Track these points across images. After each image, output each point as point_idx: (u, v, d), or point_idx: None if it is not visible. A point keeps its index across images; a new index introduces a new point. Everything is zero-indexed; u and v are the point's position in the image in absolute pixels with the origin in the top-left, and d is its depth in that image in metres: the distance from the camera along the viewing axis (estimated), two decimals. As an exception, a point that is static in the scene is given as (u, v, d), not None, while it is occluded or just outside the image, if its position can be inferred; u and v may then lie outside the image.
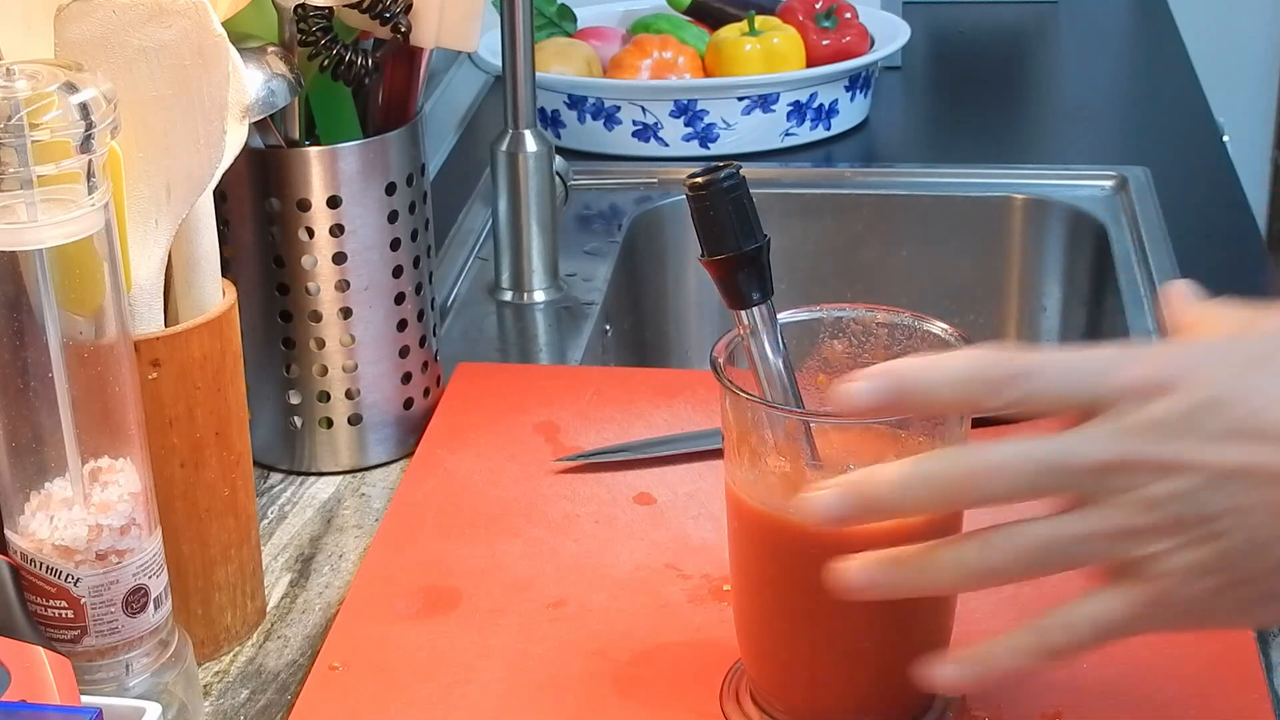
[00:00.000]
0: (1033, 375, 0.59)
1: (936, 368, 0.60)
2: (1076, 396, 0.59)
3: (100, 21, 0.71)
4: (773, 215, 1.43)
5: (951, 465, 0.60)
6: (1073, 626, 0.61)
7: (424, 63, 0.96)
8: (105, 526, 0.69)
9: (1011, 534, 0.61)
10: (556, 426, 1.00)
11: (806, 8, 1.56)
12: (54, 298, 0.66)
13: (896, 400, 0.61)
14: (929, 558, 0.62)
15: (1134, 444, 0.58)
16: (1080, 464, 0.58)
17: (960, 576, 0.62)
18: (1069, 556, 0.60)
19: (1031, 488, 0.59)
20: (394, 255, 0.96)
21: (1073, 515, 0.60)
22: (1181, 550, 0.58)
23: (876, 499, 0.61)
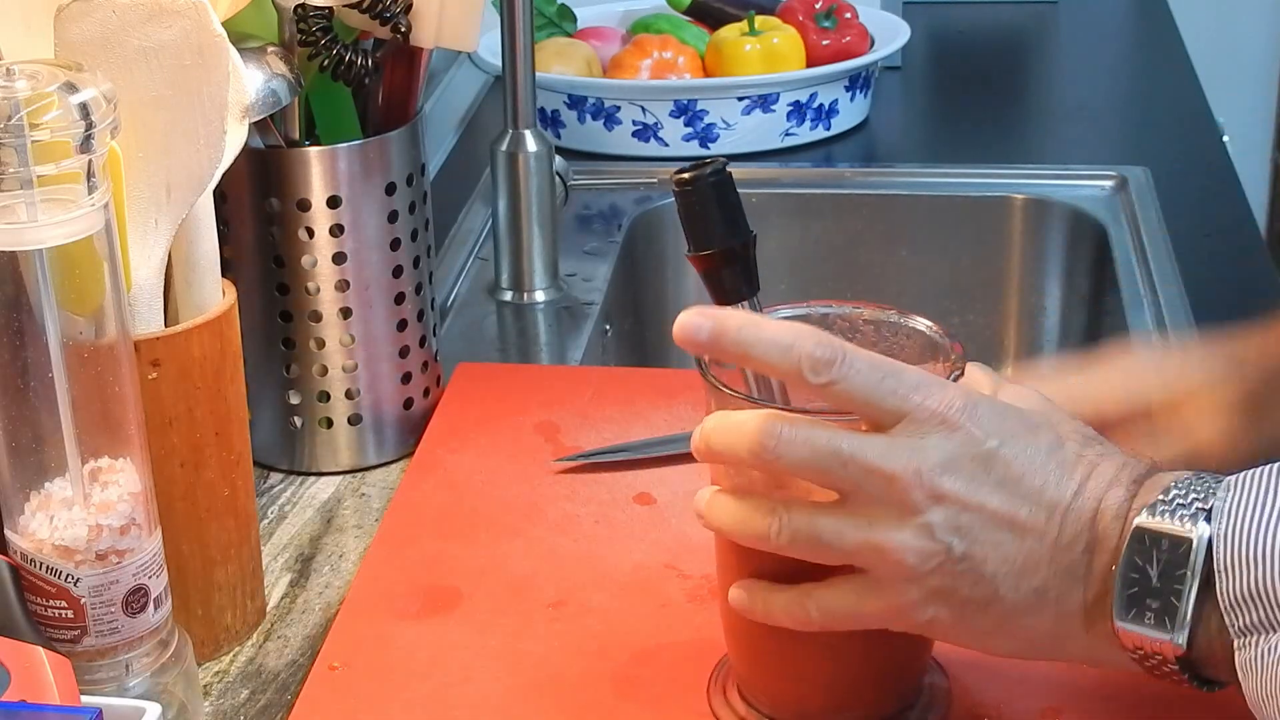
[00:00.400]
0: (849, 365, 0.63)
1: (762, 328, 0.65)
2: (880, 401, 0.63)
3: (100, 21, 0.71)
4: (773, 215, 1.43)
5: (771, 416, 0.64)
6: (822, 607, 0.66)
7: (424, 63, 0.96)
8: (105, 526, 0.69)
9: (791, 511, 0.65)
10: (556, 426, 1.00)
11: (806, 8, 1.56)
12: (54, 298, 0.66)
13: (713, 342, 0.65)
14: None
15: (929, 469, 0.63)
16: (877, 466, 0.63)
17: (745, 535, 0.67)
18: (837, 547, 0.65)
19: (820, 469, 0.64)
20: (394, 255, 0.96)
21: (847, 513, 0.64)
22: (933, 574, 0.64)
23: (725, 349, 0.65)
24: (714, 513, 0.68)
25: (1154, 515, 0.62)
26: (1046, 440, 0.65)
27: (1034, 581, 0.64)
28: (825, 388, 0.63)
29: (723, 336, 0.65)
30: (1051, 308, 1.41)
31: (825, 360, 0.63)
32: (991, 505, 0.64)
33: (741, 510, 0.67)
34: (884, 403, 0.64)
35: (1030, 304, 1.42)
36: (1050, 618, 0.65)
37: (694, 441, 0.68)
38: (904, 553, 0.64)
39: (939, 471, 0.63)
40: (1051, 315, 1.41)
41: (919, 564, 0.64)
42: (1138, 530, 0.62)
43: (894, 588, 0.65)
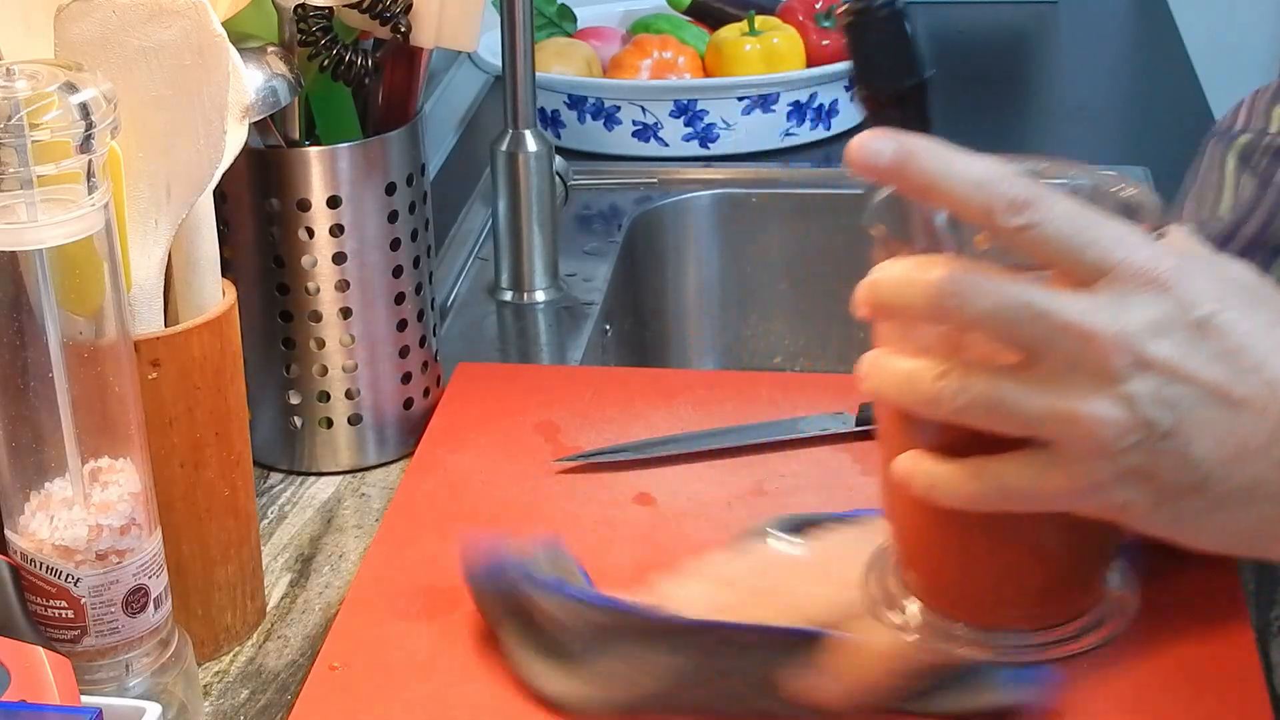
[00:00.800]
0: (1049, 208, 0.56)
1: (956, 159, 0.57)
2: (1081, 251, 0.56)
3: (100, 21, 0.71)
4: (773, 215, 1.43)
5: (952, 262, 0.57)
6: (997, 483, 0.59)
7: (424, 63, 0.96)
8: (105, 526, 0.69)
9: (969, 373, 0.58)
10: (556, 426, 1.00)
11: (806, 8, 1.56)
12: (54, 298, 0.66)
13: (896, 167, 0.57)
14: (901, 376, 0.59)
15: (1134, 331, 0.56)
16: (1075, 323, 0.56)
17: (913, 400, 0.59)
18: (1021, 414, 0.57)
19: (1009, 322, 0.56)
20: (394, 255, 0.96)
21: (1036, 376, 0.57)
22: (1130, 451, 0.57)
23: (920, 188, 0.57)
24: (878, 374, 0.59)
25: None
26: (1269, 313, 0.58)
27: (1249, 469, 0.57)
28: (1020, 232, 0.56)
29: (910, 162, 0.57)
30: (1051, 308, 1.41)
31: (1023, 200, 0.56)
32: (1205, 377, 0.56)
33: (911, 371, 0.58)
34: (1085, 254, 0.56)
35: (1030, 304, 1.42)
36: (1263, 512, 0.58)
37: (859, 293, 0.59)
38: (1099, 424, 0.56)
39: (1146, 335, 0.55)
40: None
41: (1115, 438, 0.56)
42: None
43: (1083, 464, 0.57)
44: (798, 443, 0.97)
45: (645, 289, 1.39)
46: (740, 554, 0.78)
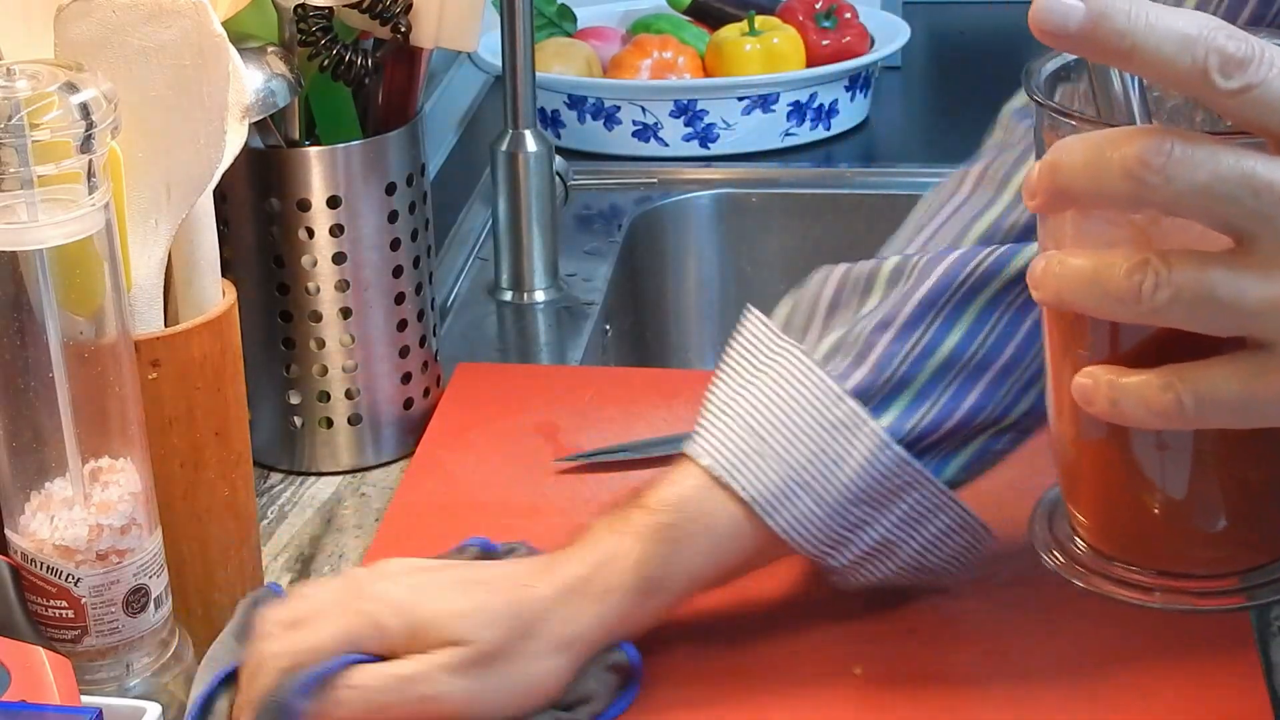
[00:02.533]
0: (1270, 66, 0.48)
1: (1158, 13, 0.48)
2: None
3: (100, 21, 0.71)
4: (773, 215, 1.43)
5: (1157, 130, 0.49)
6: (1198, 393, 0.50)
7: (424, 63, 0.96)
8: (106, 526, 0.69)
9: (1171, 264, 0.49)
10: (556, 426, 1.00)
11: (806, 8, 1.56)
12: (54, 298, 0.66)
13: (1090, 27, 0.48)
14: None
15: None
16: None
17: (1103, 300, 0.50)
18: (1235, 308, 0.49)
19: (1223, 198, 0.48)
20: (394, 255, 0.96)
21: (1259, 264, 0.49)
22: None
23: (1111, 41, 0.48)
24: (1055, 275, 0.51)
25: None
26: None
27: None
28: (1236, 95, 0.48)
29: (1105, 20, 0.47)
30: (1051, 308, 1.41)
31: (1240, 58, 0.47)
32: None
33: (1098, 264, 0.50)
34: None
35: (1030, 304, 1.42)
36: None
37: (1032, 179, 0.51)
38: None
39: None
40: (1051, 315, 1.41)
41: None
42: None
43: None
44: (798, 443, 0.97)
45: (645, 289, 1.39)
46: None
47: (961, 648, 0.78)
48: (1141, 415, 0.51)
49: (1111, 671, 0.76)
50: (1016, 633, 0.79)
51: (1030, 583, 0.82)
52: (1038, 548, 0.60)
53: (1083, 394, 0.52)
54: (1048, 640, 0.78)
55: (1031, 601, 0.81)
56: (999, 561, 0.80)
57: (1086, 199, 0.50)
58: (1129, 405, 0.51)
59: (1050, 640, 0.78)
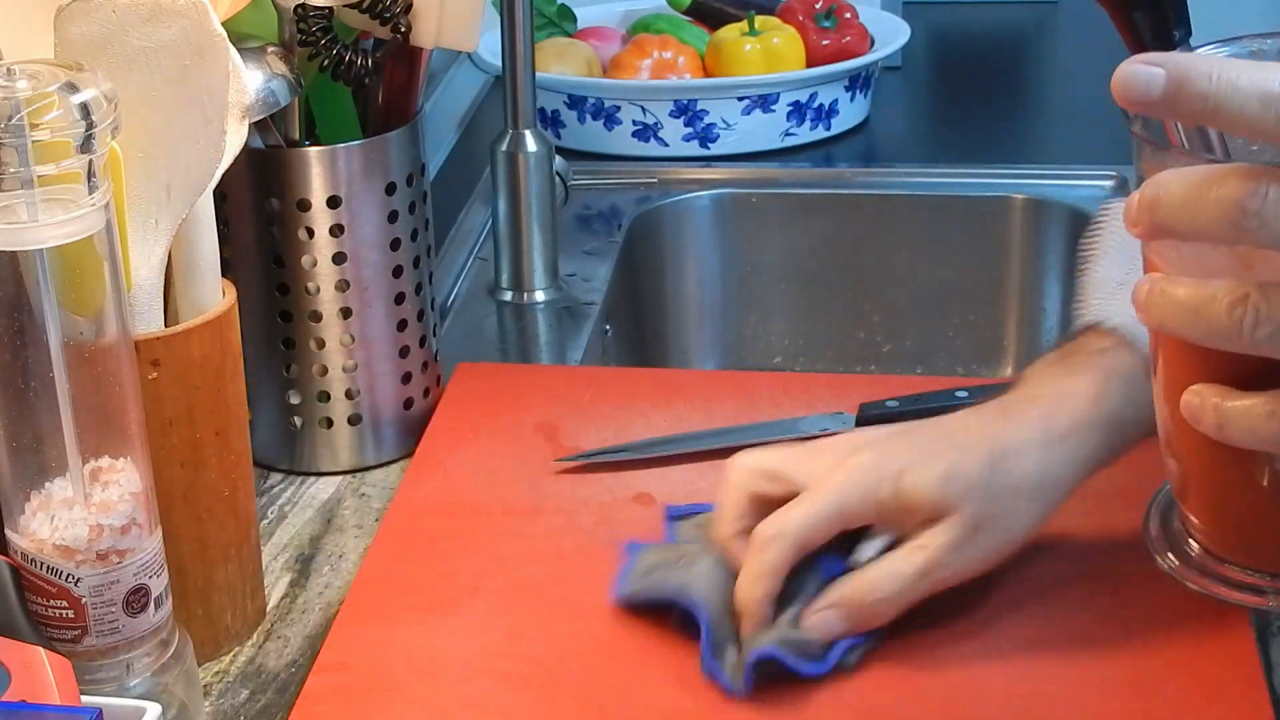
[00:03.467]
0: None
1: (1237, 74, 0.49)
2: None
3: (100, 21, 0.71)
4: (773, 215, 1.43)
5: (1256, 170, 0.50)
6: None
7: (424, 63, 0.96)
8: (106, 526, 0.69)
9: (1271, 297, 0.50)
10: (556, 426, 1.00)
11: (806, 8, 1.56)
12: (54, 298, 0.66)
13: (1173, 94, 0.49)
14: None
15: None
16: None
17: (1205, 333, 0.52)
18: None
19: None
20: (394, 255, 0.96)
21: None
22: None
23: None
24: (1160, 304, 0.52)
25: None
26: None
27: None
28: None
29: (1187, 85, 0.49)
30: (1051, 308, 1.41)
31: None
32: None
33: (1199, 297, 0.51)
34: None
35: (1030, 304, 1.42)
36: None
37: (1133, 209, 0.51)
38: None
39: None
40: (1051, 316, 1.41)
41: None
42: None
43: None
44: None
45: (645, 289, 1.39)
46: None
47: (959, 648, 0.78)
48: (1247, 439, 0.53)
49: (1111, 671, 0.76)
50: (1015, 632, 0.79)
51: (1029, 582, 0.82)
52: (1151, 550, 0.61)
53: (1190, 412, 0.54)
54: (1047, 639, 0.78)
55: (1030, 601, 0.81)
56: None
57: (1185, 235, 0.51)
58: (1234, 430, 0.53)
59: (1049, 640, 0.78)
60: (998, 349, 1.44)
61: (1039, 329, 1.42)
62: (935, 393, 0.94)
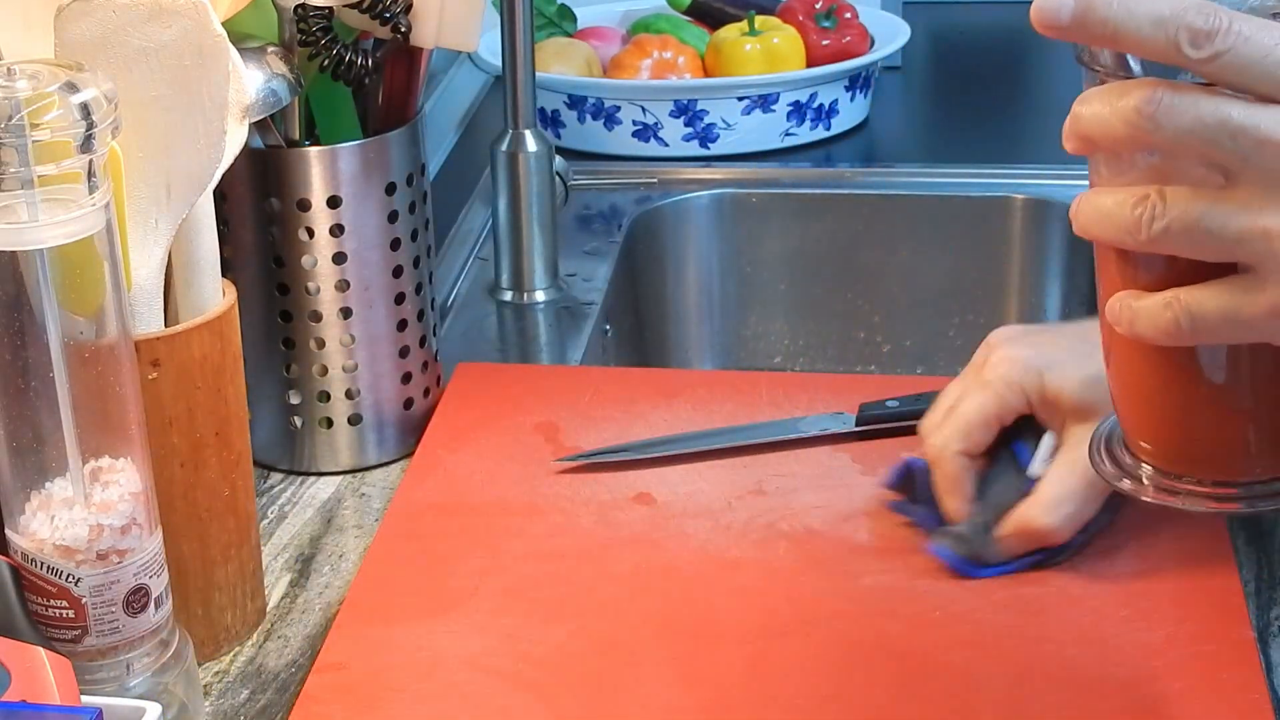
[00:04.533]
0: (1236, 33, 0.54)
1: (1135, 1, 0.55)
2: (1273, 69, 0.55)
3: (100, 21, 0.71)
4: (773, 215, 1.43)
5: (1154, 82, 0.56)
6: (1192, 311, 0.58)
7: (424, 63, 0.96)
8: (106, 526, 0.69)
9: (1167, 197, 0.57)
10: (556, 426, 1.00)
11: (806, 8, 1.56)
12: (54, 298, 0.66)
13: (1079, 19, 0.56)
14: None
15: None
16: (1271, 137, 0.54)
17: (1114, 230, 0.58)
18: (1218, 235, 0.56)
19: (1206, 140, 0.55)
20: (394, 255, 0.96)
21: (1234, 195, 0.56)
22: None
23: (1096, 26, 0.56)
24: (1084, 208, 0.59)
25: None
26: None
27: None
28: (1209, 62, 0.55)
29: (1091, 12, 0.56)
30: (1051, 308, 1.41)
31: (1207, 29, 0.54)
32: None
33: (1111, 201, 0.58)
34: (1274, 75, 0.55)
35: (1030, 304, 1.42)
36: None
37: (1066, 128, 0.59)
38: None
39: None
40: (1051, 315, 1.41)
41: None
42: None
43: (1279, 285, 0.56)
44: (797, 443, 0.97)
45: (645, 289, 1.39)
46: None
47: (957, 648, 0.78)
48: (1151, 333, 0.58)
49: (1110, 671, 0.76)
50: (1013, 632, 0.79)
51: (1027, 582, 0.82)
52: (1107, 479, 0.65)
53: (1113, 316, 0.60)
54: (1045, 640, 0.78)
55: (1028, 602, 0.81)
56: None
57: (1101, 143, 0.58)
58: (1142, 325, 0.59)
59: (1048, 640, 0.78)
60: (998, 349, 1.43)
61: (1039, 329, 1.42)
62: (935, 393, 0.94)
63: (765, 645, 0.79)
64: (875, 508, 0.90)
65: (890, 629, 0.79)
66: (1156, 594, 0.81)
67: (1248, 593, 0.82)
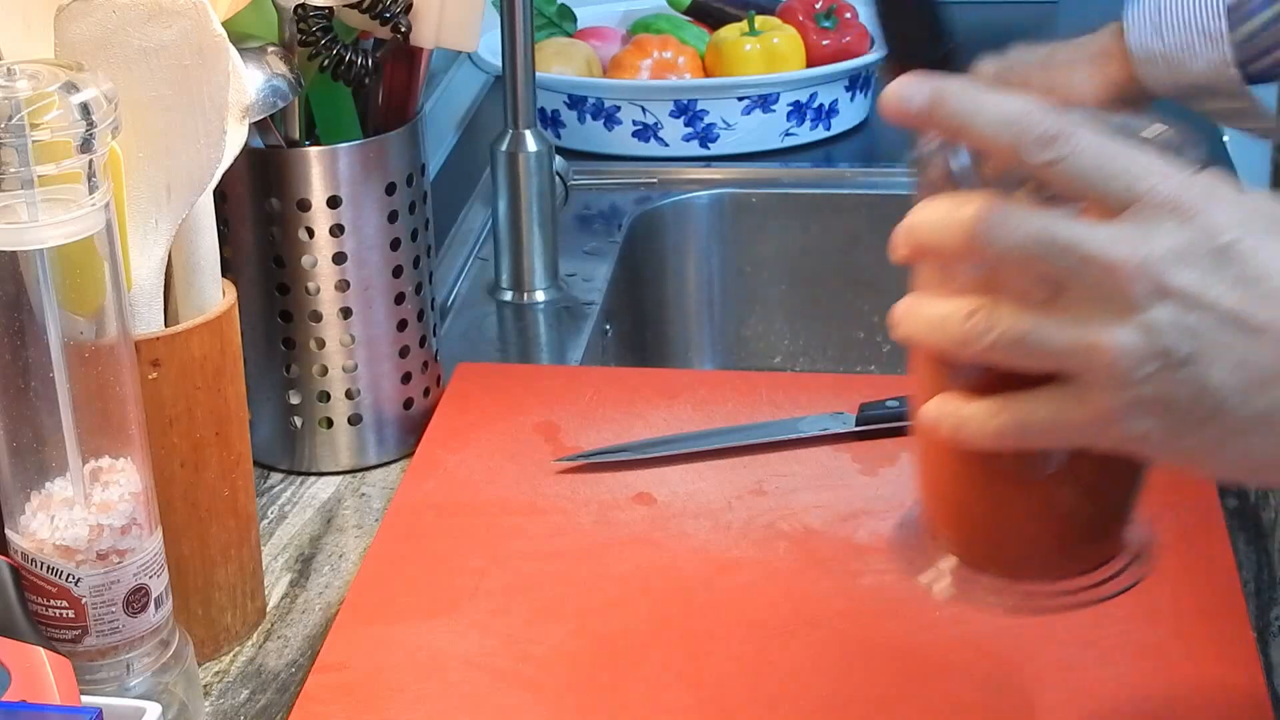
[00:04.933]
0: (1076, 142, 0.56)
1: (985, 96, 0.57)
2: (1107, 183, 0.57)
3: (100, 21, 0.71)
4: (773, 215, 1.43)
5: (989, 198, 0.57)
6: (1018, 419, 0.59)
7: (424, 63, 0.96)
8: (106, 526, 0.69)
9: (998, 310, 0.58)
10: (556, 426, 1.00)
11: (806, 8, 1.56)
12: (55, 298, 0.66)
13: (929, 109, 0.58)
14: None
15: (1156, 259, 0.56)
16: (1098, 255, 0.56)
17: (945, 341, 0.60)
18: (1045, 347, 0.58)
19: (1035, 256, 0.57)
20: (394, 255, 0.96)
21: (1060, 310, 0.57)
22: (1148, 380, 0.57)
23: None
24: (911, 316, 0.60)
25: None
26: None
27: (1267, 396, 0.57)
28: (1048, 166, 0.56)
29: (942, 104, 0.58)
30: (1051, 308, 1.41)
31: (1050, 135, 0.56)
32: (1224, 304, 0.56)
33: (942, 311, 0.59)
34: (1111, 185, 0.56)
35: (1030, 304, 1.42)
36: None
37: (898, 235, 0.60)
38: (1118, 352, 0.56)
39: (1167, 263, 0.56)
40: (1051, 315, 1.41)
41: (1134, 367, 0.56)
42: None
43: (1102, 394, 0.57)
44: (797, 443, 0.97)
45: (645, 289, 1.39)
46: None
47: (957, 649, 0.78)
48: (978, 438, 0.59)
49: (1110, 672, 0.76)
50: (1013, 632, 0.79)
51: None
52: (904, 569, 0.66)
53: (932, 420, 0.61)
54: (1046, 640, 0.78)
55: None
56: None
57: (935, 254, 0.60)
58: (968, 430, 0.59)
59: (1048, 640, 0.78)
60: (998, 349, 1.43)
61: (1039, 329, 1.42)
62: None
63: (765, 645, 0.79)
64: (875, 507, 0.90)
65: (890, 629, 0.79)
66: (1156, 594, 0.81)
67: (1248, 593, 0.82)
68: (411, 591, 0.84)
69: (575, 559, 0.87)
